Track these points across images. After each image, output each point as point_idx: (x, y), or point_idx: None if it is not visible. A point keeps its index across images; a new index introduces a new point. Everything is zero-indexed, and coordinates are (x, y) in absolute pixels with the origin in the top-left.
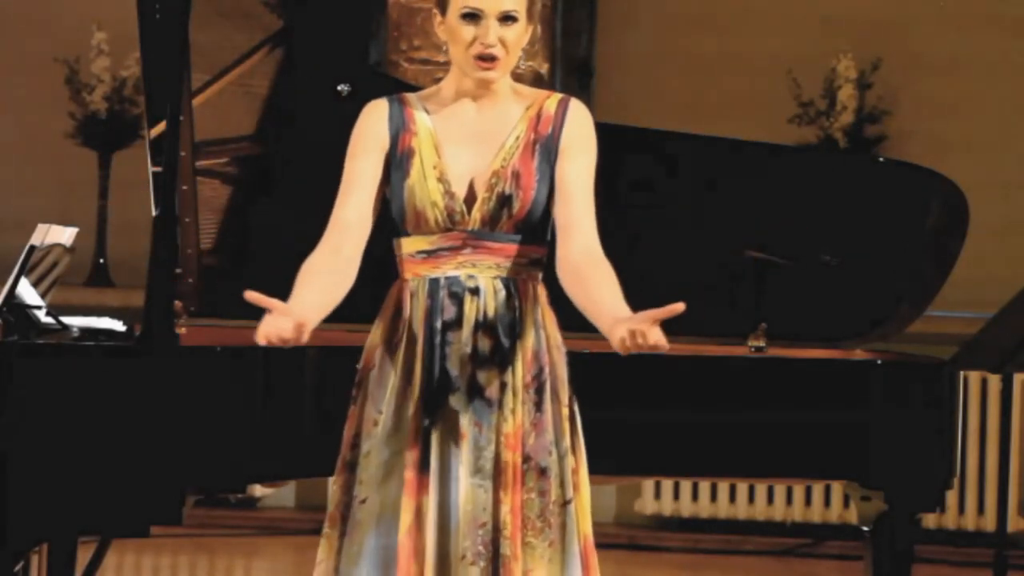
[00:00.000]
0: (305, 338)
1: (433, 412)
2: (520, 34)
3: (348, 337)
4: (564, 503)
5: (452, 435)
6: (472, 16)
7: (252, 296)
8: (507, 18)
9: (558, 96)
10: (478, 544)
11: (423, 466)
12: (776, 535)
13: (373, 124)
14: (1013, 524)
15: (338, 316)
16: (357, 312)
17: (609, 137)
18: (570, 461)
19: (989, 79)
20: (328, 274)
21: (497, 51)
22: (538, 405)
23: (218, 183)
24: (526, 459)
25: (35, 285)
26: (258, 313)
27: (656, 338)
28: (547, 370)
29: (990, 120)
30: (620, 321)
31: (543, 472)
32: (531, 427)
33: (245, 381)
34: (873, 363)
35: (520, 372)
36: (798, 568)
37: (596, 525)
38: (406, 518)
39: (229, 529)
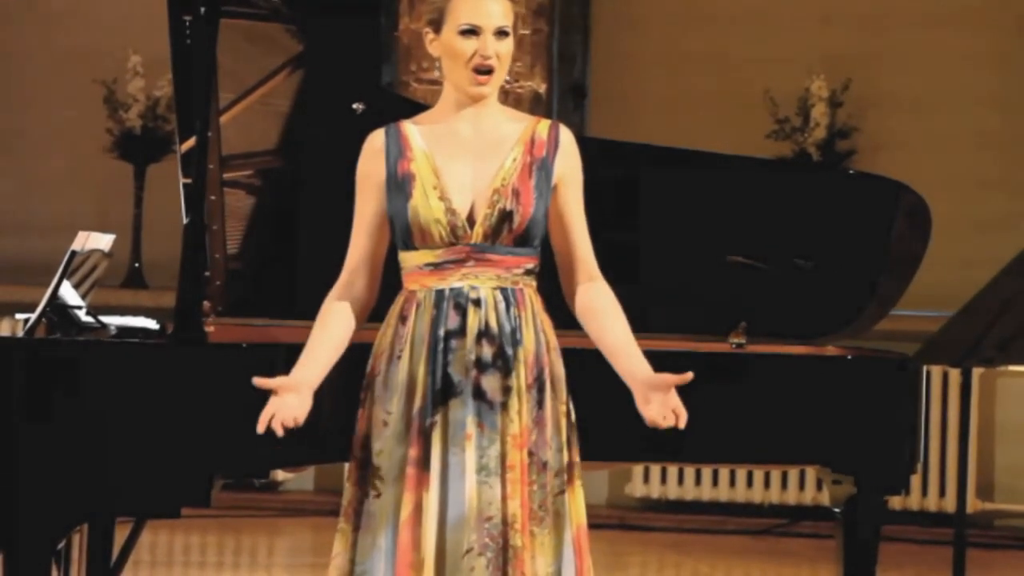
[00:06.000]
0: (309, 401)
1: (436, 414)
2: (510, 48)
3: (360, 335)
4: (559, 493)
5: (456, 436)
6: (471, 32)
7: (259, 382)
8: (501, 33)
9: (547, 122)
10: (484, 537)
11: (424, 463)
12: (755, 516)
13: (370, 161)
14: (972, 506)
15: None
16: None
17: (601, 151)
18: (566, 455)
19: (944, 87)
20: (339, 314)
21: (494, 63)
22: (539, 403)
23: (243, 193)
24: (530, 454)
25: (76, 287)
26: (278, 313)
27: (677, 408)
28: (547, 371)
29: (950, 129)
30: (647, 392)
31: (544, 466)
32: (533, 424)
33: (267, 374)
34: (844, 358)
35: (523, 375)
36: (774, 546)
37: (589, 507)
38: (405, 511)
39: (253, 510)
